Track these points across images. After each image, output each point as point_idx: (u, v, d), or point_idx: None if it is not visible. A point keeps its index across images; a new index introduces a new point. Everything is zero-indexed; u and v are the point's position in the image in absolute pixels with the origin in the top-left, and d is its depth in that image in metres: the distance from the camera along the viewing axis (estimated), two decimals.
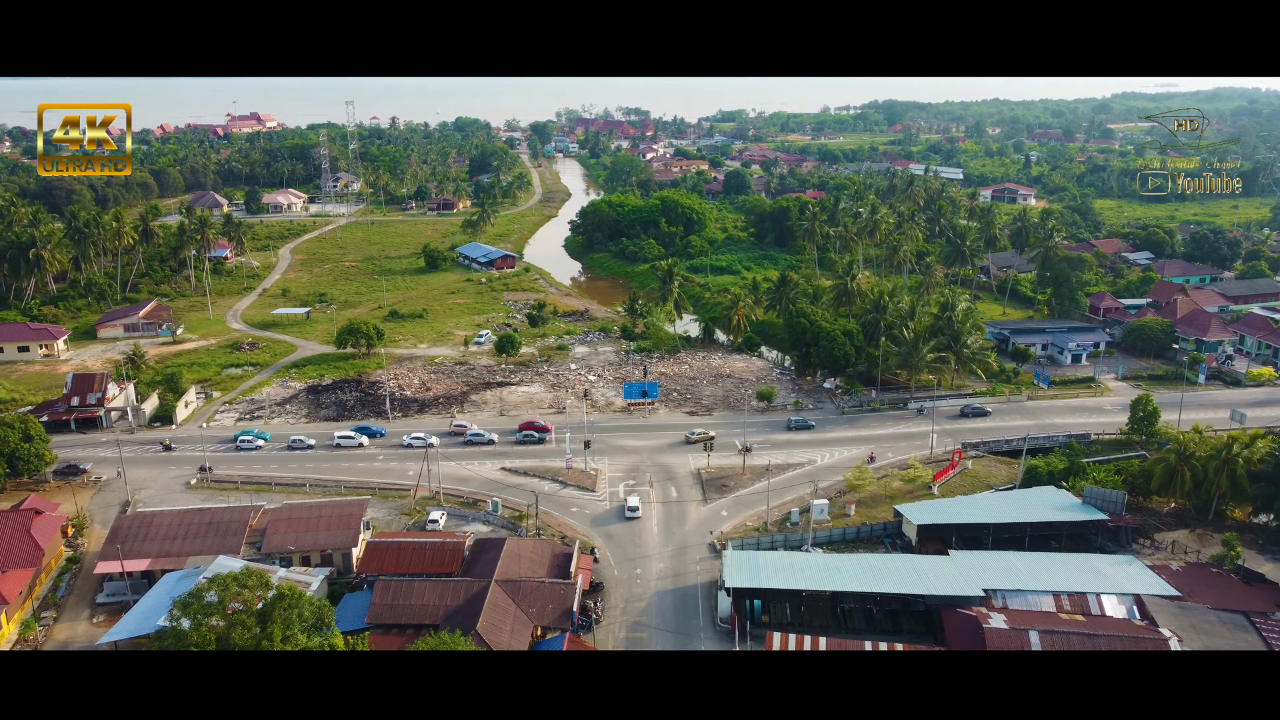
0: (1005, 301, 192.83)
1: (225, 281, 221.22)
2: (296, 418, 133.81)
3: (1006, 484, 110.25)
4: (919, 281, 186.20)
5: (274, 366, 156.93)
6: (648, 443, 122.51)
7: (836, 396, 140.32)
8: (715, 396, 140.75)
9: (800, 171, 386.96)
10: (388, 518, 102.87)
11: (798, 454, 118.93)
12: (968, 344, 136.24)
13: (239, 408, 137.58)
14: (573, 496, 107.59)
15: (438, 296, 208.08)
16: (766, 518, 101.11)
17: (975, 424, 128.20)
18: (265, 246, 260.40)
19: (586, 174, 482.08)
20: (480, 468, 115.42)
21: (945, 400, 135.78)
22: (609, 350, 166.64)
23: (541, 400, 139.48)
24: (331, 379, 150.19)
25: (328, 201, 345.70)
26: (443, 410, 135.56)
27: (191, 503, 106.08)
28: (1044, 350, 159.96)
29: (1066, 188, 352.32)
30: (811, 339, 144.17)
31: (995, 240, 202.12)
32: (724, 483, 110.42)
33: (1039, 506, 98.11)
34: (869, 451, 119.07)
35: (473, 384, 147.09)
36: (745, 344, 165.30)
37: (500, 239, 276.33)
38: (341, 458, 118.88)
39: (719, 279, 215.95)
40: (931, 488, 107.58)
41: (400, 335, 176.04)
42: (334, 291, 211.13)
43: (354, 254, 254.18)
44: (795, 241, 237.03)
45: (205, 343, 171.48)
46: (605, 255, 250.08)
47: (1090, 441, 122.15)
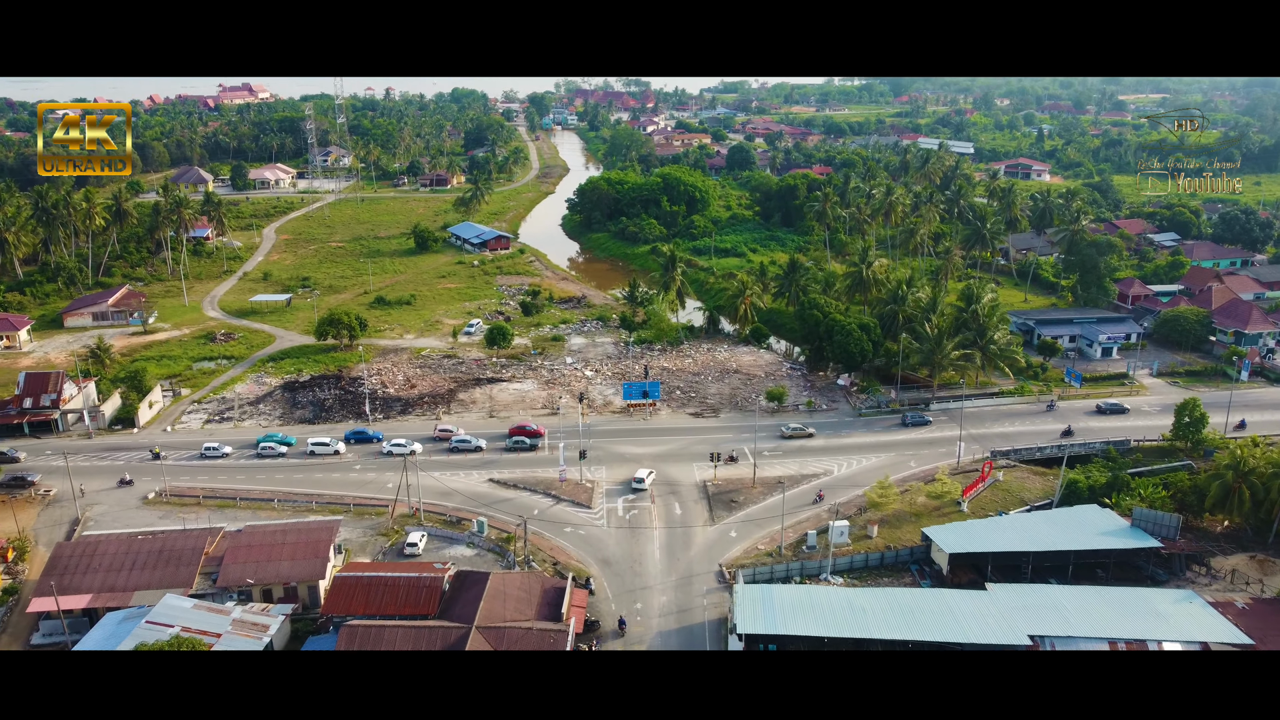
0: (1026, 287, 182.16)
1: (205, 264, 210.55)
2: (270, 419, 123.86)
3: (1042, 499, 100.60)
4: (936, 266, 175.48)
5: (249, 360, 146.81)
6: (649, 450, 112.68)
7: (852, 395, 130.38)
8: (721, 395, 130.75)
9: (806, 145, 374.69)
10: (362, 539, 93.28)
11: (812, 463, 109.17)
12: (994, 339, 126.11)
13: (209, 407, 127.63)
14: (566, 514, 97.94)
15: (427, 280, 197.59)
16: (780, 540, 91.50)
17: (1005, 428, 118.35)
18: (249, 226, 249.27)
19: (585, 147, 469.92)
20: (466, 479, 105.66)
21: (971, 400, 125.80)
22: (607, 341, 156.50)
23: (534, 400, 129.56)
24: (310, 374, 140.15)
25: (317, 177, 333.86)
26: (427, 411, 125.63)
27: (148, 520, 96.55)
28: (1071, 343, 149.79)
29: (1081, 163, 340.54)
30: (825, 333, 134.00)
31: (1016, 222, 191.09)
32: (733, 498, 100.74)
33: (1083, 530, 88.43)
34: (889, 460, 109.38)
35: (461, 380, 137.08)
36: (753, 335, 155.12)
37: (495, 217, 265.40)
38: (315, 467, 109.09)
39: (724, 262, 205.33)
40: (961, 504, 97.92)
41: (386, 324, 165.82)
42: (318, 275, 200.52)
43: (341, 233, 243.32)
44: (803, 221, 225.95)
45: (178, 333, 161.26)
46: (604, 235, 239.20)
47: (1129, 449, 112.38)
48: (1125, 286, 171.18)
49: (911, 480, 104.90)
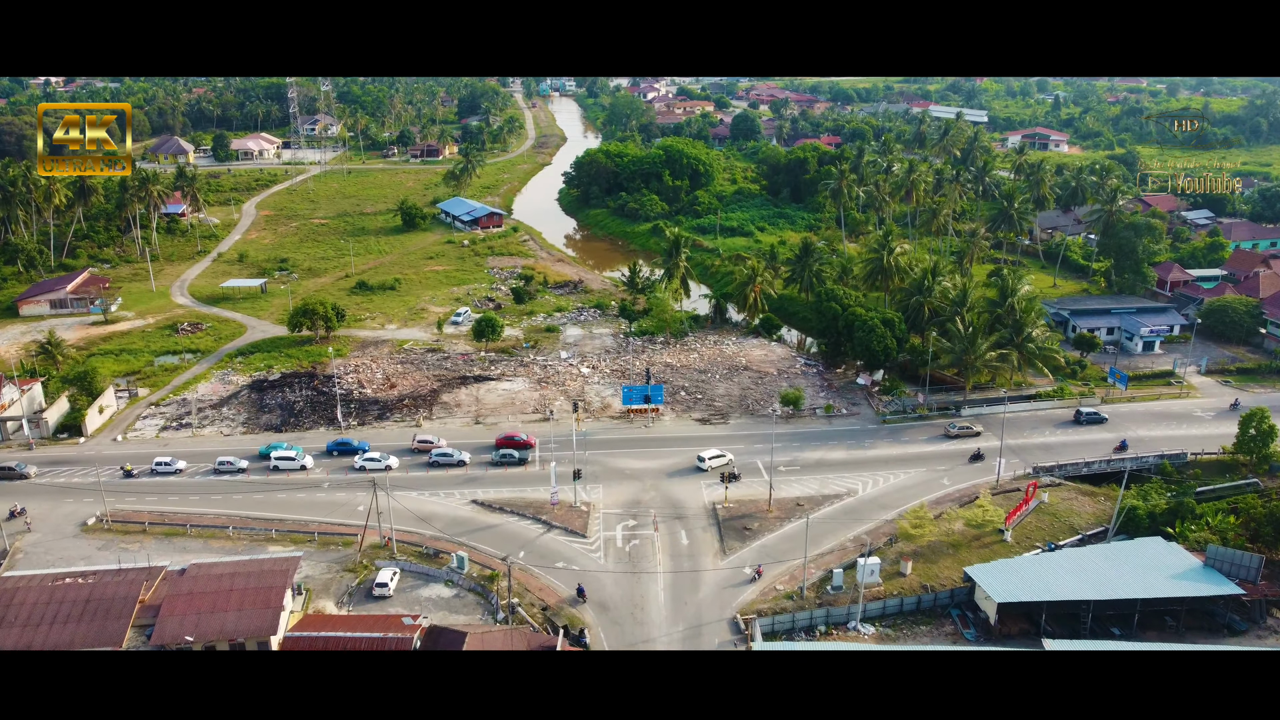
0: (1054, 270, 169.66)
1: (178, 243, 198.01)
2: (234, 426, 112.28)
3: (1095, 526, 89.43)
4: (959, 248, 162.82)
5: (216, 354, 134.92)
6: (651, 464, 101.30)
7: (874, 396, 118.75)
8: (731, 397, 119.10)
9: (813, 114, 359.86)
10: (326, 575, 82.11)
11: (833, 480, 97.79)
12: (1032, 337, 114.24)
13: (168, 411, 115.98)
14: (559, 545, 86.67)
15: (413, 262, 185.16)
16: (803, 578, 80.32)
17: (1045, 438, 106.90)
18: (228, 201, 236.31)
19: (584, 115, 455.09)
20: (446, 501, 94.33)
21: (1007, 404, 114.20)
22: (605, 333, 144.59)
23: (525, 402, 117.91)
24: (281, 372, 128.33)
25: (302, 147, 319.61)
26: (407, 416, 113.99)
27: (85, 551, 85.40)
28: (1109, 335, 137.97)
29: (1100, 132, 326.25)
30: (845, 328, 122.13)
31: (1044, 200, 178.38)
32: (746, 524, 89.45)
33: (1149, 571, 77.15)
34: (920, 478, 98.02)
35: (445, 378, 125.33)
36: (763, 326, 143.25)
37: (488, 191, 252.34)
38: (279, 485, 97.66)
39: (730, 242, 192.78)
40: (1004, 533, 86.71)
41: (366, 312, 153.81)
42: (298, 256, 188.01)
43: (325, 209, 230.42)
44: (814, 197, 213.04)
45: (142, 322, 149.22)
46: (602, 212, 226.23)
47: (1186, 463, 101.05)
48: (1163, 271, 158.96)
49: (946, 502, 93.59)
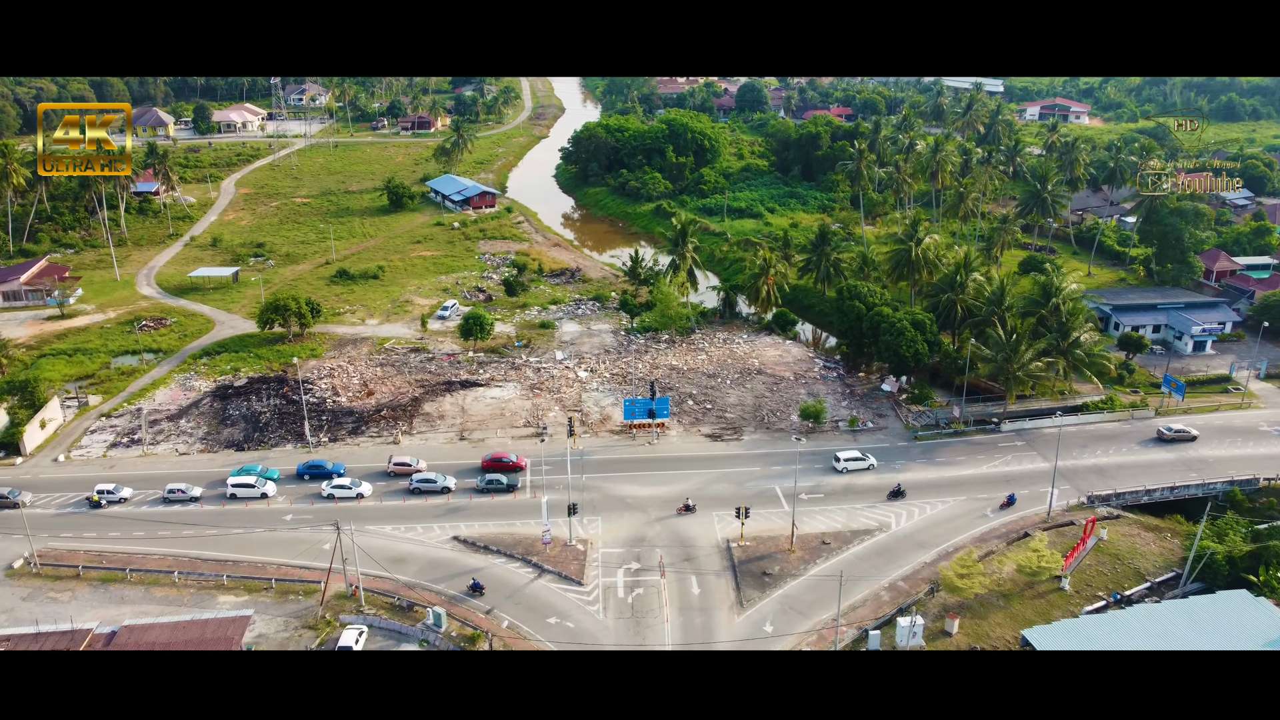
0: (1087, 257, 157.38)
1: (149, 225, 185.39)
2: (191, 441, 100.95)
3: (1163, 570, 78.45)
4: (985, 232, 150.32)
5: (179, 354, 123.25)
6: (657, 491, 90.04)
7: (901, 406, 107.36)
8: (744, 407, 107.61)
9: (821, 83, 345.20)
10: (282, 635, 71.12)
11: (862, 512, 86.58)
12: (1080, 342, 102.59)
13: (119, 424, 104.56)
14: (550, 594, 75.59)
15: (399, 246, 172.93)
16: (835, 639, 69.38)
17: (1097, 458, 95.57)
18: (207, 177, 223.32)
19: (583, 84, 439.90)
20: (424, 537, 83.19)
21: (1052, 416, 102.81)
22: (605, 329, 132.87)
23: (516, 413, 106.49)
24: (249, 375, 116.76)
25: (288, 118, 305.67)
26: (385, 430, 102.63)
27: (7, 601, 74.47)
28: (1155, 333, 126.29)
29: (1123, 103, 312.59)
30: (869, 330, 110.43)
31: (1077, 182, 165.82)
32: (765, 568, 78.34)
33: (1239, 636, 66.18)
34: (960, 508, 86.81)
35: (428, 384, 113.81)
36: (777, 322, 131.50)
37: (481, 167, 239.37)
38: (236, 517, 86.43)
39: (738, 224, 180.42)
40: (1062, 580, 75.68)
41: (346, 304, 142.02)
42: (276, 240, 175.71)
43: (309, 186, 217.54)
44: (827, 175, 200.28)
45: (102, 316, 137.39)
46: (602, 190, 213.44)
47: (1258, 489, 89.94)
48: (1209, 260, 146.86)
49: (992, 539, 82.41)
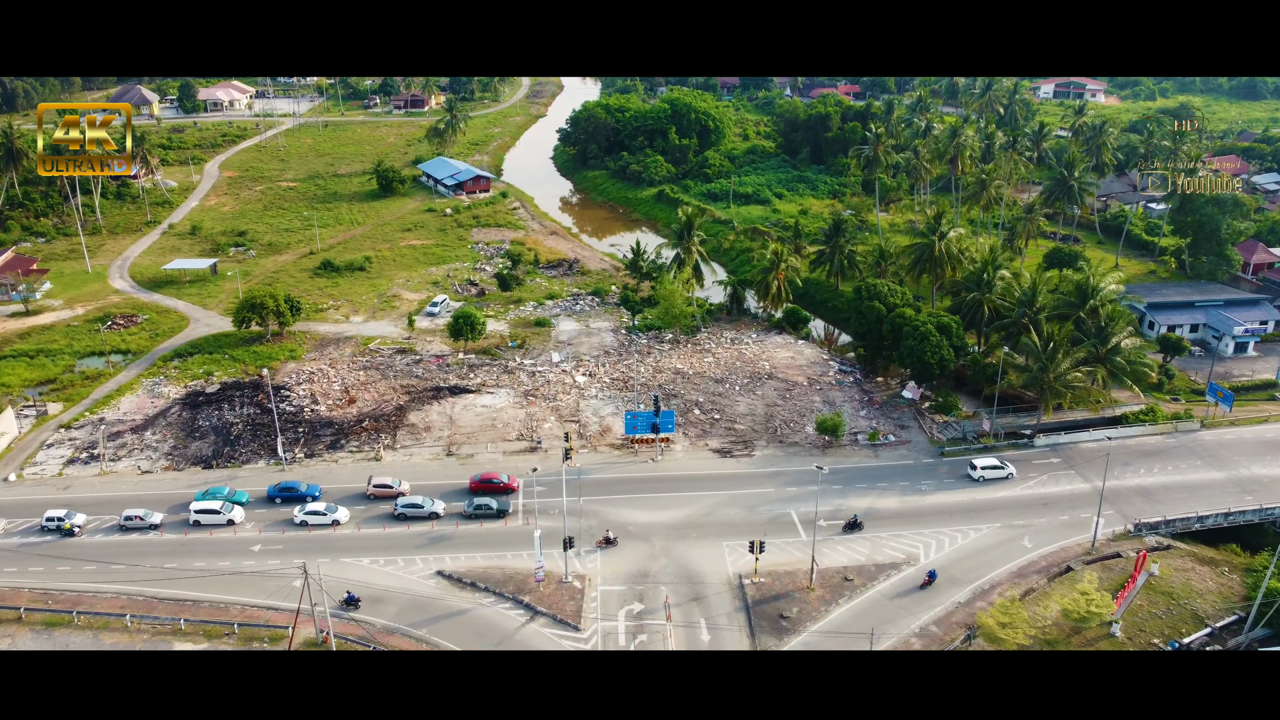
0: (1112, 246, 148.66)
1: (126, 212, 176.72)
2: (155, 456, 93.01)
3: (1223, 612, 70.82)
4: (1007, 221, 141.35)
5: (149, 356, 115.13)
6: (661, 517, 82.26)
7: (925, 415, 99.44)
8: (755, 417, 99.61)
9: None
10: None
11: (887, 542, 78.80)
12: (1120, 348, 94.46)
13: (79, 436, 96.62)
14: (544, 640, 67.86)
15: (388, 235, 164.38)
16: None
17: (1140, 477, 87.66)
18: (190, 159, 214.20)
19: None
20: (406, 572, 75.47)
21: (1090, 430, 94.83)
22: (605, 327, 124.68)
23: (509, 423, 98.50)
24: (222, 380, 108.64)
25: (277, 96, 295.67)
26: (366, 443, 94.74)
27: None
28: (1192, 333, 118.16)
29: (1140, 80, 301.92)
30: (890, 333, 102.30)
31: (1104, 167, 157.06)
32: (783, 609, 70.67)
33: None
34: (996, 537, 79.05)
35: (415, 390, 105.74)
36: (788, 320, 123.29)
37: (475, 148, 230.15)
38: (199, 547, 78.65)
39: (745, 211, 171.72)
40: (1112, 627, 68.06)
41: (330, 299, 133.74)
42: (258, 228, 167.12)
43: (296, 169, 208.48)
44: (837, 158, 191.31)
45: (70, 313, 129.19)
46: (601, 174, 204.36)
47: None
48: (1245, 252, 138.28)
49: (1032, 574, 74.74)
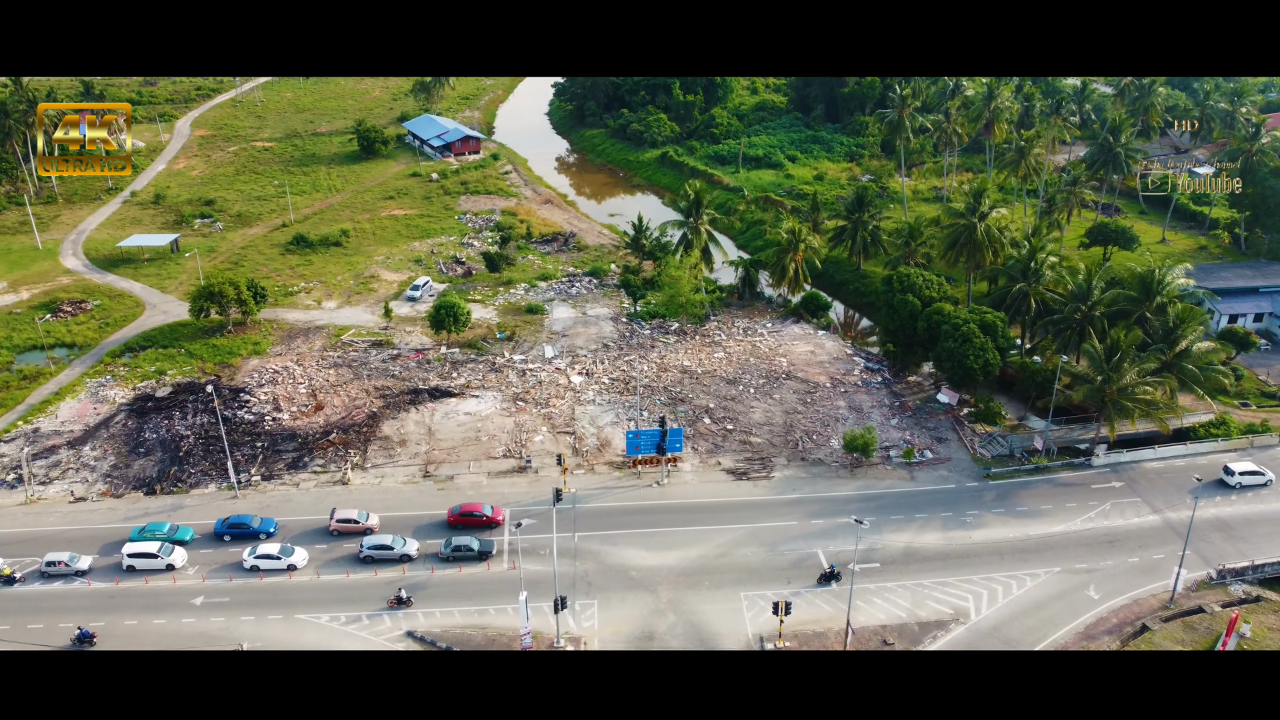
0: (1164, 220, 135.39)
1: (87, 179, 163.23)
2: (93, 479, 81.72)
3: None
4: (1051, 194, 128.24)
5: (97, 351, 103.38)
6: (668, 558, 71.21)
7: (963, 425, 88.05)
8: (772, 426, 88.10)
9: None
10: None
11: (931, 591, 67.86)
12: (1191, 353, 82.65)
13: (8, 452, 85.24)
14: None
15: (368, 204, 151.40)
16: None
17: (1218, 508, 76.47)
18: (161, 116, 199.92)
19: None
20: (371, 631, 64.60)
21: (1157, 446, 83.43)
22: (604, 313, 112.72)
23: (495, 435, 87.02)
24: (175, 381, 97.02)
25: None
26: (333, 460, 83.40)
27: None
28: (1257, 323, 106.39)
29: None
30: (925, 331, 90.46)
31: (1150, 131, 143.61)
32: None
33: None
34: (1058, 585, 68.12)
35: (390, 394, 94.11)
36: (806, 306, 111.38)
37: (466, 103, 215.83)
38: (132, 599, 67.72)
39: (755, 175, 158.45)
40: None
41: (302, 280, 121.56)
42: (229, 195, 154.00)
43: (273, 127, 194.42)
44: (853, 116, 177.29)
45: (14, 297, 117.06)
46: (600, 133, 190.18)
47: None
48: None
49: (1102, 634, 63.91)
